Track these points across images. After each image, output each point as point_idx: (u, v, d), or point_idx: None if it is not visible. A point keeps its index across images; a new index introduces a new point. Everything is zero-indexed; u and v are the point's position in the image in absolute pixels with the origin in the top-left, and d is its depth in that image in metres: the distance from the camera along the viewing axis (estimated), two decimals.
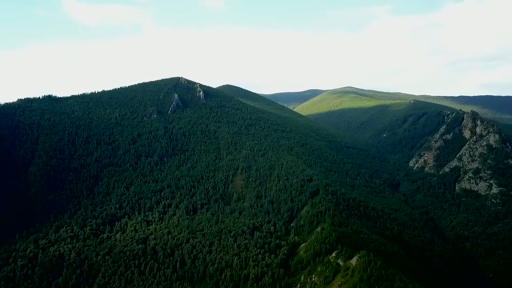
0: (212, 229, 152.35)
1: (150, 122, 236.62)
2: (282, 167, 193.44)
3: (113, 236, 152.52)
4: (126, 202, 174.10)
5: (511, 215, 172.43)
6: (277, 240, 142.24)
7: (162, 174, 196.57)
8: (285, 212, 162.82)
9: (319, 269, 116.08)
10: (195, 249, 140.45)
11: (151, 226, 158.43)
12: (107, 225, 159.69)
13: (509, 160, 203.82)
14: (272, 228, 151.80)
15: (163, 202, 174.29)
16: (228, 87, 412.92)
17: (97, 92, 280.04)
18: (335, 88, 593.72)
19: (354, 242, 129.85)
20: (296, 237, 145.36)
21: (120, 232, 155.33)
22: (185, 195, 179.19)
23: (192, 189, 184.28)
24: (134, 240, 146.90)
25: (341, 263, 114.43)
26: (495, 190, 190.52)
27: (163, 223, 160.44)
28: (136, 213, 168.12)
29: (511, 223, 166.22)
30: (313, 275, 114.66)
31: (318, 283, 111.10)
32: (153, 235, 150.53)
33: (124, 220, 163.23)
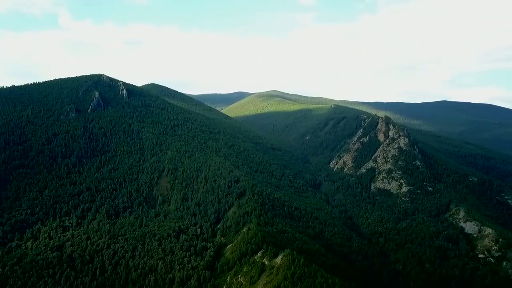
0: (135, 233, 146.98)
1: (67, 121, 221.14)
2: (209, 169, 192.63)
3: (23, 244, 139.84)
4: (39, 207, 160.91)
5: (417, 211, 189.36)
6: (204, 242, 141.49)
7: (80, 177, 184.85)
8: (212, 213, 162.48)
9: (245, 269, 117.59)
10: (116, 255, 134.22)
11: (67, 232, 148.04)
12: (17, 233, 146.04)
13: (417, 161, 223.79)
14: (198, 230, 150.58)
15: (81, 206, 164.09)
16: (153, 86, 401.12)
17: (6, 87, 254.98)
18: (261, 91, 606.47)
19: (279, 241, 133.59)
20: (222, 238, 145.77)
21: (31, 239, 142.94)
22: (106, 199, 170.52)
23: (114, 192, 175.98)
24: (48, 248, 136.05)
25: (266, 262, 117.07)
26: (404, 189, 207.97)
27: (82, 229, 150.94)
28: (51, 219, 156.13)
29: (418, 219, 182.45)
30: (239, 276, 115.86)
31: (244, 283, 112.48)
32: (70, 242, 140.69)
33: (37, 226, 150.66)
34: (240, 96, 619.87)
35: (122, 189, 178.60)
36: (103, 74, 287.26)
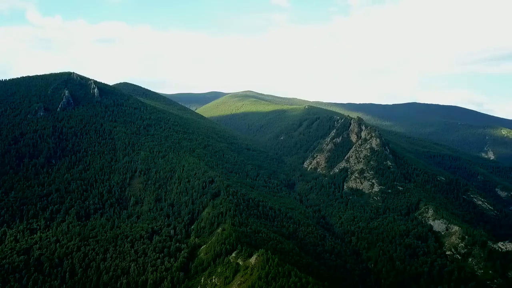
0: (107, 235, 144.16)
1: (35, 120, 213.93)
2: (183, 169, 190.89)
3: None
4: (5, 209, 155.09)
5: (389, 210, 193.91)
6: (177, 244, 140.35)
7: (49, 177, 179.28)
8: (186, 214, 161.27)
9: (219, 269, 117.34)
10: (87, 257, 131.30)
11: (35, 235, 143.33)
12: None
13: (388, 161, 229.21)
14: (172, 231, 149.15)
15: (50, 208, 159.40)
16: (126, 85, 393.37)
17: None
18: (236, 91, 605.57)
19: (253, 241, 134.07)
20: (196, 239, 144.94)
21: None
22: (76, 200, 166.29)
23: (85, 193, 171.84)
24: (15, 251, 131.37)
25: (240, 263, 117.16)
26: (376, 188, 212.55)
27: (50, 231, 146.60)
28: (18, 221, 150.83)
29: (389, 217, 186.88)
30: (213, 276, 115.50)
31: (218, 284, 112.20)
32: (37, 245, 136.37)
33: (2, 229, 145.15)
34: (214, 96, 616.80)
35: (93, 190, 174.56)
36: (73, 72, 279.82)
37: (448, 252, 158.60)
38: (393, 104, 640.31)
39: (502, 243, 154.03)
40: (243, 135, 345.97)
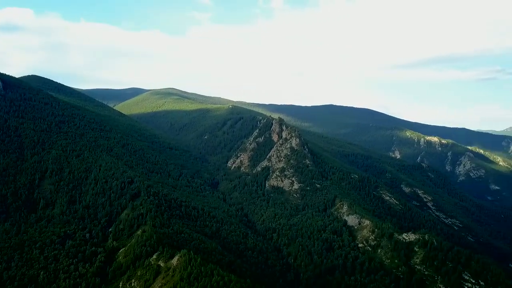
0: (11, 242, 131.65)
1: None
2: (100, 169, 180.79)
3: None
4: None
5: (307, 207, 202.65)
6: (93, 247, 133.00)
7: None
8: (103, 217, 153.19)
9: (139, 273, 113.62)
10: None
11: None
12: None
13: (306, 160, 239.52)
14: (87, 235, 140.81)
15: None
16: (35, 78, 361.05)
17: None
18: (157, 88, 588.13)
19: (175, 242, 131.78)
20: (114, 242, 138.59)
21: None
22: None
23: None
24: None
25: (162, 264, 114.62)
26: (296, 186, 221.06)
27: None
28: None
29: (308, 214, 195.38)
30: (133, 280, 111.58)
31: (138, 287, 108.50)
32: None
33: None
34: (134, 92, 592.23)
35: None
36: None
37: (360, 245, 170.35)
38: (311, 106, 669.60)
39: (406, 234, 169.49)
40: (165, 133, 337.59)
